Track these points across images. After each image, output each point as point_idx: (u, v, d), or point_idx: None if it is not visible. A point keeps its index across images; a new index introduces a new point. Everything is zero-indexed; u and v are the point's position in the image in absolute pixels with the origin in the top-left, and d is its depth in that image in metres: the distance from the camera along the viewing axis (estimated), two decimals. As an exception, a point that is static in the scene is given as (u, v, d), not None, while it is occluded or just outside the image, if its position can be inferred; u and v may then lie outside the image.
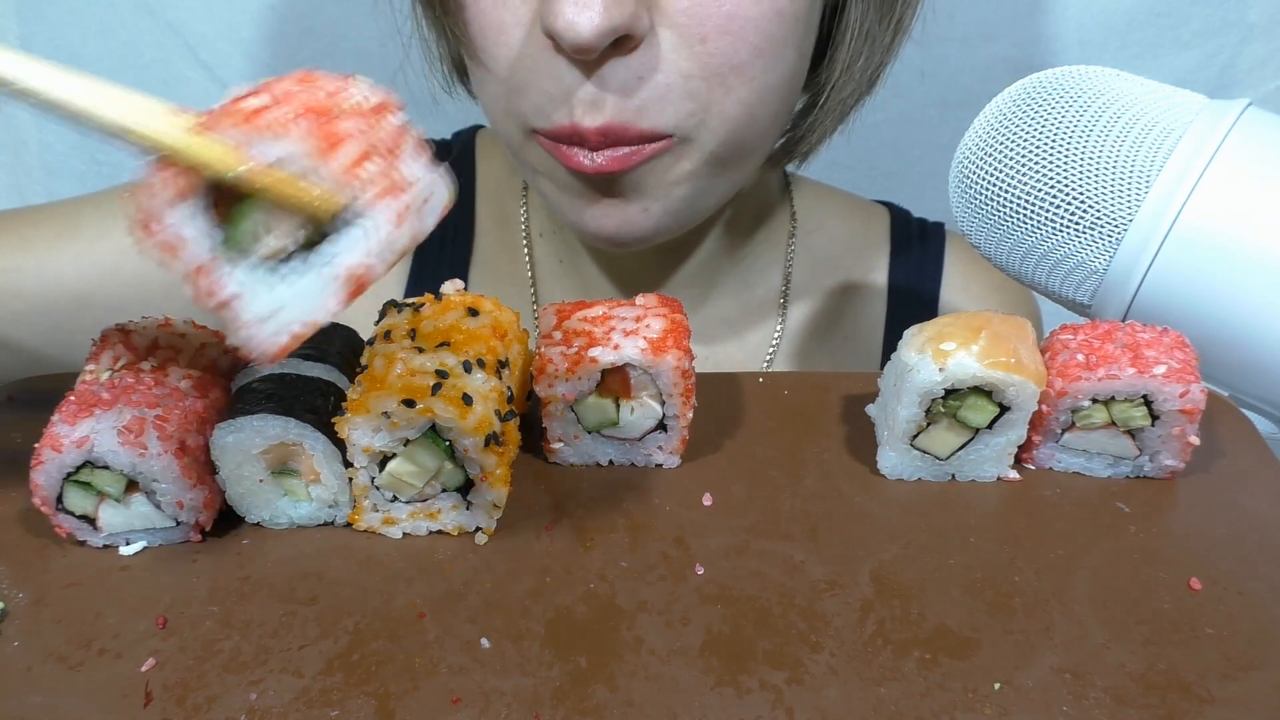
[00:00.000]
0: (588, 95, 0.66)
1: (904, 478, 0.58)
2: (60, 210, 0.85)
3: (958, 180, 0.66)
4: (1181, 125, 0.60)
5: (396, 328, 0.55)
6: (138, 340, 0.56)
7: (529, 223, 0.93)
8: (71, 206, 0.85)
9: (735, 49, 0.66)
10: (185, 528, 0.53)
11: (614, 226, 0.73)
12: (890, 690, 0.46)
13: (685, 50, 0.65)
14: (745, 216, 0.90)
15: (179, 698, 0.46)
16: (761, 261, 0.93)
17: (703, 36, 0.65)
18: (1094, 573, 0.52)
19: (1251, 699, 0.46)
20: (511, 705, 0.45)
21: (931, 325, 0.56)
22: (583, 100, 0.66)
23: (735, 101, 0.68)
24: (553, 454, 0.58)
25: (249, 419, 0.51)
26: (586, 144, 0.68)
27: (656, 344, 0.54)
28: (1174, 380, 0.54)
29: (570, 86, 0.66)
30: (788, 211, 0.94)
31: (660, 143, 0.68)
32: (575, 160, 0.69)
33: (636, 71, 0.65)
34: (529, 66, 0.67)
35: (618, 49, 0.64)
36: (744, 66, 0.67)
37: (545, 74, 0.67)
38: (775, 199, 0.94)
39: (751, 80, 0.68)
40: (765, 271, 0.93)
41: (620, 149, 0.68)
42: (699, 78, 0.66)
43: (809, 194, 0.96)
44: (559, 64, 0.66)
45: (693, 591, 0.51)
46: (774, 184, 0.94)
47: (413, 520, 0.53)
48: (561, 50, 0.65)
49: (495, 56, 0.69)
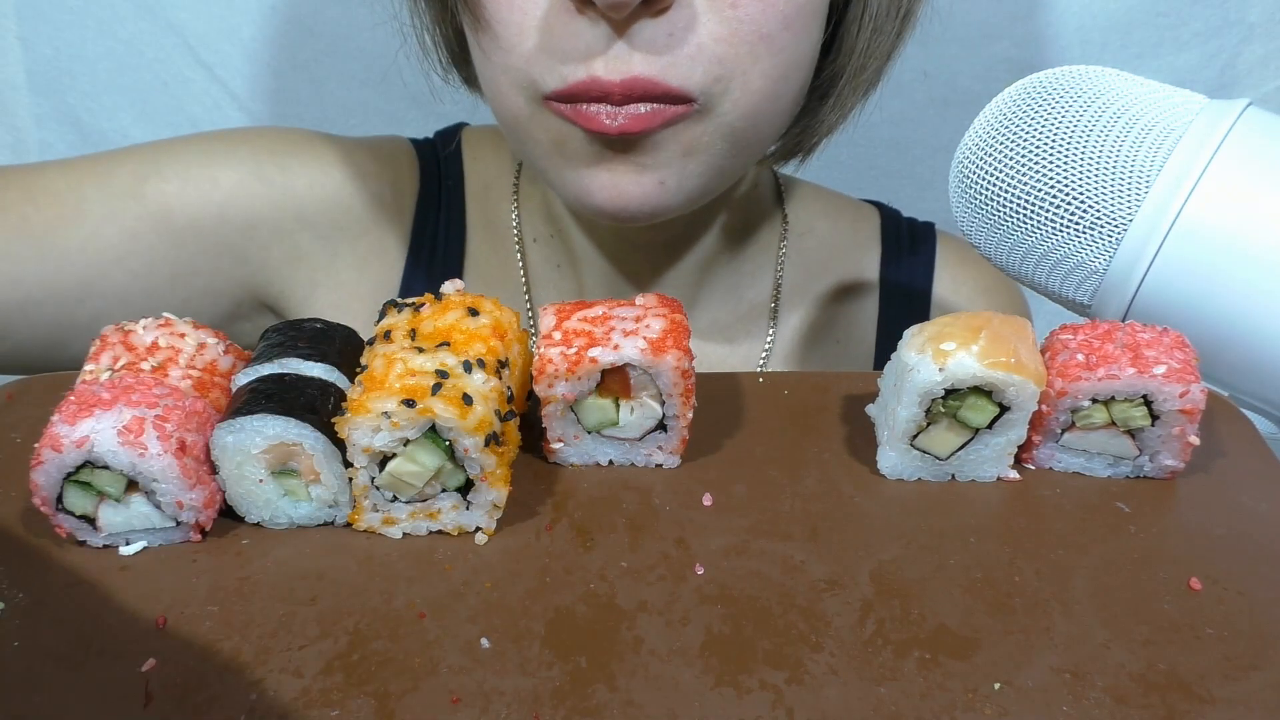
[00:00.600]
0: (614, 52, 0.64)
1: (904, 478, 0.58)
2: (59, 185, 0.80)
3: (958, 180, 0.66)
4: (1181, 125, 0.60)
5: (396, 328, 0.55)
6: (138, 340, 0.56)
7: (521, 227, 0.92)
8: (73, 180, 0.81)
9: (766, 16, 0.65)
10: (185, 528, 0.53)
11: (624, 199, 0.71)
12: (890, 690, 0.46)
13: (716, 14, 0.65)
14: (739, 219, 0.90)
15: (179, 698, 0.46)
16: (753, 265, 0.92)
17: (733, 1, 0.64)
18: (1094, 573, 0.52)
19: (1251, 699, 0.46)
20: (511, 705, 0.45)
21: (931, 325, 0.56)
22: (606, 56, 0.65)
23: (761, 73, 0.68)
24: (553, 454, 0.58)
25: (249, 419, 0.51)
26: (609, 98, 0.65)
27: (656, 344, 0.54)
28: (1174, 380, 0.54)
29: (591, 45, 0.65)
30: (779, 214, 0.94)
31: (683, 106, 0.67)
32: (596, 120, 0.66)
33: (667, 30, 0.64)
34: (545, 29, 0.66)
35: (647, 8, 0.63)
36: (773, 37, 0.66)
37: (564, 34, 0.65)
38: (768, 202, 0.93)
39: (779, 52, 0.67)
40: (757, 275, 0.93)
41: (643, 106, 0.66)
42: (728, 43, 0.66)
43: (800, 196, 0.96)
44: (580, 24, 0.64)
45: (693, 591, 0.51)
46: (767, 186, 0.93)
47: (413, 520, 0.53)
48: (585, 10, 0.64)
49: (508, 20, 0.67)
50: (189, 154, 0.84)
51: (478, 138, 0.95)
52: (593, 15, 0.64)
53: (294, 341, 0.56)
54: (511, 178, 0.93)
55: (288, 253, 0.87)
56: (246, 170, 0.85)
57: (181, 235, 0.82)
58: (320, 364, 0.55)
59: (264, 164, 0.85)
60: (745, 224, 0.91)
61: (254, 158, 0.85)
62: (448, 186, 0.92)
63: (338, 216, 0.88)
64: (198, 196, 0.83)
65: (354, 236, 0.89)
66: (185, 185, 0.82)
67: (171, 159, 0.84)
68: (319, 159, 0.88)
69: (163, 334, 0.57)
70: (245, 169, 0.85)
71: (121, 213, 0.80)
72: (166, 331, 0.57)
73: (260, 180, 0.85)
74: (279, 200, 0.86)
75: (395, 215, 0.90)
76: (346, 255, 0.89)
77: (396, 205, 0.91)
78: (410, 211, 0.91)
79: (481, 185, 0.93)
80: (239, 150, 0.86)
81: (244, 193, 0.84)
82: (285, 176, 0.86)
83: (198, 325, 0.58)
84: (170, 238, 0.82)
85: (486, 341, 0.54)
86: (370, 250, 0.89)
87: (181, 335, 0.57)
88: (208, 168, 0.84)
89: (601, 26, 0.64)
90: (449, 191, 0.92)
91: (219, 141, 0.86)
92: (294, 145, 0.88)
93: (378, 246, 0.90)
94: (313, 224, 0.87)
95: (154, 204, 0.82)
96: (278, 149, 0.87)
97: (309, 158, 0.87)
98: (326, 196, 0.87)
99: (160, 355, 0.56)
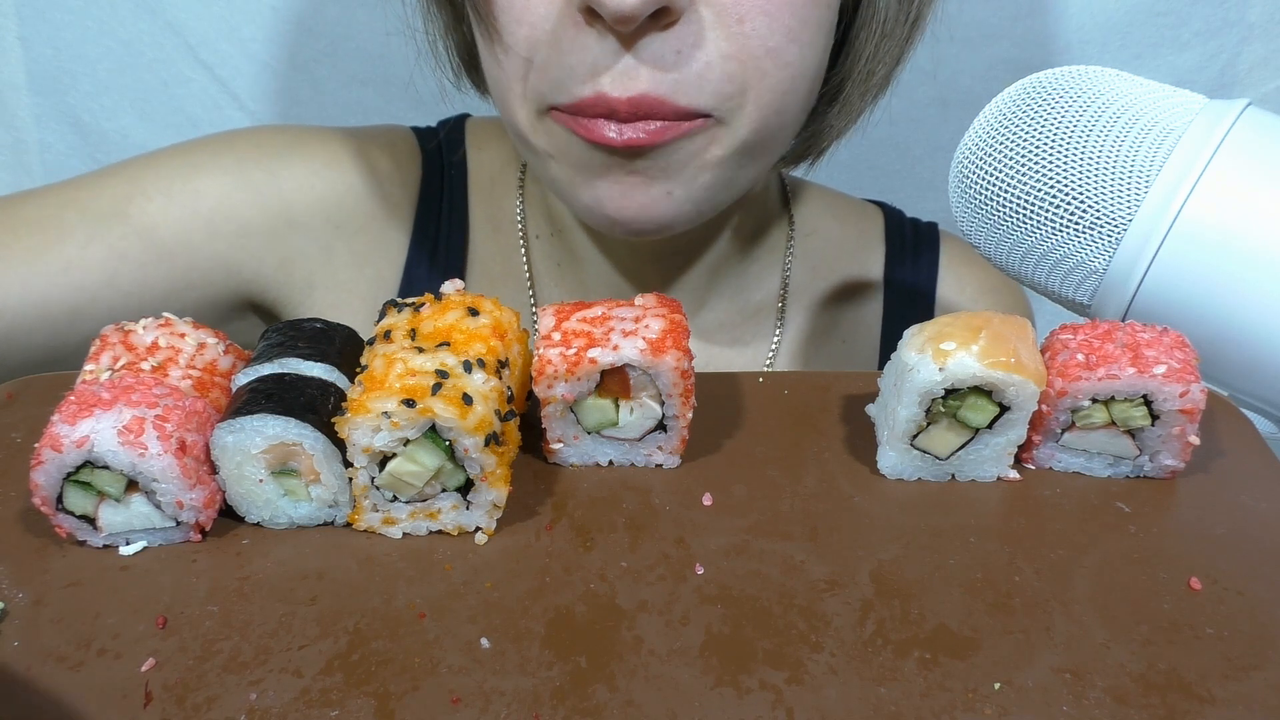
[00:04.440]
0: (621, 67, 0.64)
1: (904, 478, 0.58)
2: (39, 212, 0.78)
3: (958, 180, 0.66)
4: (1181, 125, 0.60)
5: (396, 327, 0.55)
6: (138, 340, 0.56)
7: (526, 223, 0.91)
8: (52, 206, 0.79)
9: (772, 30, 0.65)
10: (185, 528, 0.53)
11: (634, 211, 0.70)
12: (890, 690, 0.46)
13: (723, 30, 0.65)
14: (746, 222, 0.89)
15: (179, 698, 0.46)
16: (759, 266, 0.92)
17: (740, 16, 0.64)
18: (1094, 573, 0.52)
19: (1251, 699, 0.46)
20: (511, 705, 0.45)
21: (931, 325, 0.56)
22: (614, 72, 0.64)
23: (769, 87, 0.68)
24: (552, 454, 0.58)
25: (249, 419, 0.51)
26: (615, 116, 0.65)
27: (656, 344, 0.54)
28: (1174, 380, 0.54)
29: (598, 60, 0.64)
30: (786, 216, 0.94)
31: (697, 121, 0.67)
32: (598, 132, 0.66)
33: (675, 46, 0.64)
34: (553, 42, 0.66)
35: (655, 22, 0.63)
36: (779, 50, 0.66)
37: (571, 48, 0.65)
38: (774, 203, 0.93)
39: (787, 66, 0.67)
40: (763, 276, 0.93)
41: (653, 123, 0.66)
42: (737, 60, 0.65)
43: (806, 197, 0.96)
44: (588, 37, 0.64)
45: (693, 591, 0.51)
46: (774, 188, 0.93)
47: (413, 520, 0.53)
48: (593, 23, 0.63)
49: (517, 33, 0.67)
50: (171, 167, 0.83)
51: (482, 129, 0.94)
52: (601, 29, 0.64)
53: (294, 341, 0.56)
54: (516, 171, 0.92)
55: (281, 256, 0.86)
56: (231, 179, 0.83)
57: (171, 251, 0.81)
58: (320, 364, 0.55)
59: (249, 170, 0.84)
60: (753, 226, 0.91)
61: (239, 165, 0.84)
62: (451, 177, 0.91)
63: (331, 214, 0.86)
64: (183, 211, 0.81)
65: (350, 233, 0.87)
66: (169, 201, 0.81)
67: (154, 174, 0.82)
68: (309, 157, 0.86)
69: (163, 334, 0.57)
70: (230, 178, 0.83)
71: (105, 233, 0.79)
72: (166, 331, 0.57)
73: (246, 187, 0.83)
74: (267, 205, 0.84)
75: (395, 207, 0.89)
76: (343, 253, 0.88)
77: (397, 197, 0.89)
78: (413, 203, 0.90)
79: (486, 178, 0.92)
80: (223, 158, 0.84)
81: (230, 202, 0.83)
82: (273, 180, 0.84)
83: (198, 325, 0.58)
84: (159, 255, 0.80)
85: (486, 341, 0.54)
86: (370, 245, 0.88)
87: (181, 335, 0.57)
88: (191, 180, 0.82)
89: (609, 41, 0.64)
90: (452, 182, 0.91)
91: (203, 151, 0.85)
92: (282, 146, 0.86)
93: (378, 240, 0.89)
94: (305, 225, 0.86)
95: (139, 222, 0.80)
96: (264, 152, 0.85)
97: (298, 157, 0.86)
98: (318, 196, 0.86)
99: (160, 355, 0.56)
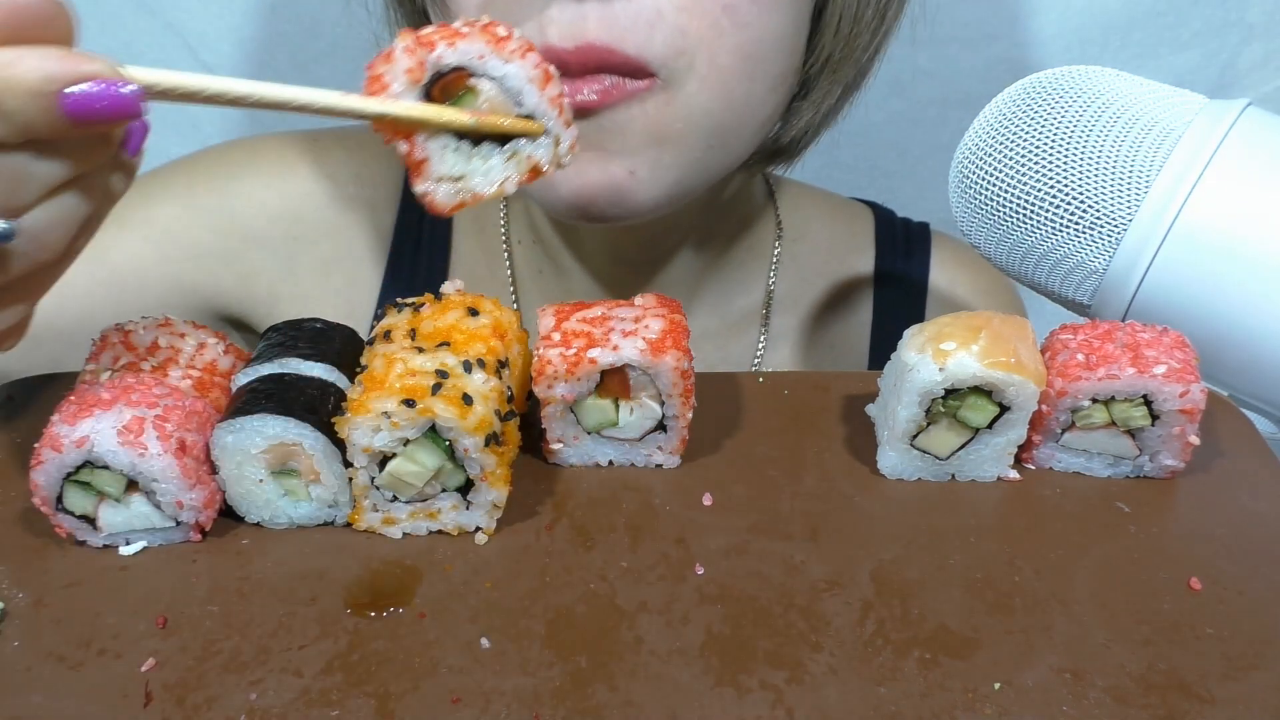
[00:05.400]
0: (565, 15, 0.62)
1: (904, 478, 0.58)
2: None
3: (958, 180, 0.66)
4: (1181, 125, 0.60)
5: (396, 328, 0.55)
6: (137, 340, 0.56)
7: (509, 229, 0.90)
8: None
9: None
10: (185, 528, 0.53)
11: (594, 188, 0.68)
12: (890, 690, 0.46)
13: None
14: (730, 225, 0.88)
15: (179, 698, 0.46)
16: (744, 273, 0.90)
17: None
18: (1094, 573, 0.52)
19: (1251, 699, 0.46)
20: (511, 705, 0.45)
21: (931, 325, 0.56)
22: (558, 20, 0.62)
23: (727, 49, 0.65)
24: (552, 455, 0.58)
25: (249, 419, 0.51)
26: (566, 69, 0.62)
27: (655, 344, 0.54)
28: (1174, 380, 0.54)
29: (543, 8, 0.62)
30: (772, 218, 0.92)
31: (645, 81, 0.64)
32: None
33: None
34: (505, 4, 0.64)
35: None
36: (736, 8, 0.64)
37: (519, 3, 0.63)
38: (759, 206, 0.92)
39: (745, 27, 0.65)
40: (748, 283, 0.91)
41: (604, 78, 0.64)
42: (689, 12, 0.63)
43: (792, 197, 0.94)
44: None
45: (693, 591, 0.51)
46: (758, 190, 0.91)
47: (413, 520, 0.53)
48: None
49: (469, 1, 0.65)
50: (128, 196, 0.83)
51: None
52: None
53: (294, 341, 0.56)
54: None
55: (240, 272, 0.85)
56: (181, 204, 0.83)
57: (124, 281, 0.81)
58: (320, 364, 0.55)
59: (198, 192, 0.84)
60: (736, 231, 0.89)
61: (189, 188, 0.84)
62: None
63: (288, 226, 0.86)
64: (135, 240, 0.81)
65: (312, 241, 0.86)
66: (121, 231, 0.81)
67: None
68: (261, 170, 0.85)
69: (163, 334, 0.57)
70: (180, 203, 0.83)
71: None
72: (166, 331, 0.57)
73: (195, 210, 0.83)
74: (218, 225, 0.84)
75: (367, 207, 0.88)
76: (306, 261, 0.87)
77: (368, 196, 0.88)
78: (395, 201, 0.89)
79: None
80: (173, 184, 0.84)
81: (180, 226, 0.83)
82: (222, 199, 0.84)
83: (197, 325, 0.58)
84: (115, 287, 0.80)
85: (486, 341, 0.54)
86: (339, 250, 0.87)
87: (181, 335, 0.57)
88: (142, 209, 0.82)
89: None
90: None
91: (154, 180, 0.84)
92: (235, 163, 0.86)
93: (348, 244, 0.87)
94: (261, 239, 0.85)
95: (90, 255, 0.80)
96: (215, 172, 0.85)
97: (250, 171, 0.85)
98: (274, 210, 0.85)
99: (160, 355, 0.56)
